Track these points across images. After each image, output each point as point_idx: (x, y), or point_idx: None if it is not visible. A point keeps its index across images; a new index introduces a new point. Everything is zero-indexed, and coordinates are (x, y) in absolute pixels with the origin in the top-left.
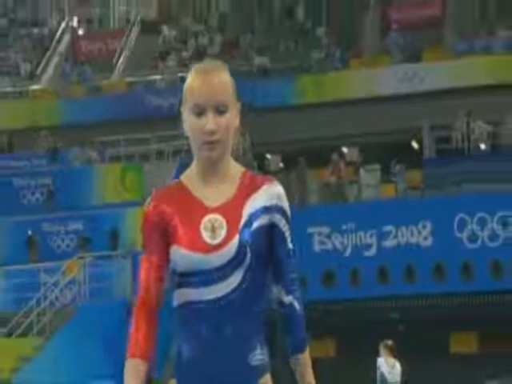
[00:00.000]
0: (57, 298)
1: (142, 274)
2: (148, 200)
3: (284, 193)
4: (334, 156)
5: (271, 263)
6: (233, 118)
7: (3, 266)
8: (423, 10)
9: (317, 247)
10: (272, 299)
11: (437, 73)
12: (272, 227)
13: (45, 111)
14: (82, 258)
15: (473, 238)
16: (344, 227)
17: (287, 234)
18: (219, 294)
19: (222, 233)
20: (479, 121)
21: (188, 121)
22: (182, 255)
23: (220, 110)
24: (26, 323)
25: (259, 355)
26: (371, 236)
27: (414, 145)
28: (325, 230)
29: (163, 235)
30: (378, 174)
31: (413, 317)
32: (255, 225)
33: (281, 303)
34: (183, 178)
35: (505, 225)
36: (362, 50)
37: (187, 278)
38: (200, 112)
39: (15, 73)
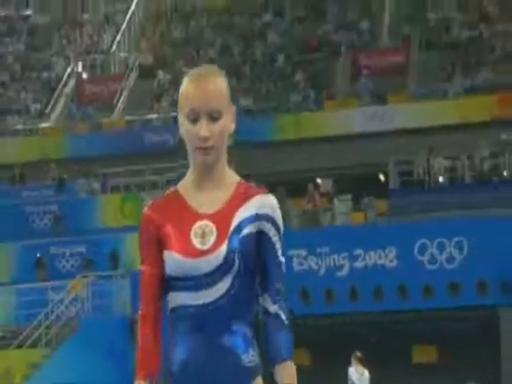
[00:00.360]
0: (62, 313)
1: (141, 288)
2: (144, 207)
3: (277, 205)
4: (310, 187)
5: (259, 271)
6: (227, 123)
7: (15, 284)
8: (389, 57)
9: (295, 268)
10: (258, 308)
11: (401, 114)
12: (262, 235)
13: (53, 146)
14: (85, 277)
15: (432, 260)
16: (319, 250)
17: (277, 244)
18: (208, 300)
19: (212, 239)
20: (438, 157)
21: (183, 126)
22: (174, 260)
23: (214, 117)
24: (36, 335)
25: (252, 357)
26: (343, 258)
27: (381, 177)
28: (302, 252)
29: (157, 244)
30: (350, 203)
31: (380, 331)
32: (245, 231)
33: (266, 312)
34: (179, 186)
35: (460, 249)
36: (334, 93)
37: (179, 282)
38: (194, 118)
39: (26, 112)
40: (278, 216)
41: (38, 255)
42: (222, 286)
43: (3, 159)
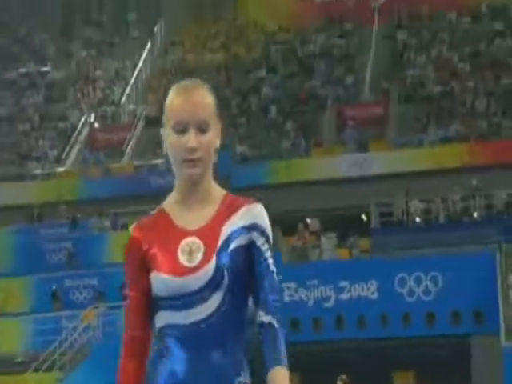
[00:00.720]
0: (76, 340)
1: (128, 312)
2: (130, 228)
3: (265, 213)
4: (300, 226)
5: (251, 283)
6: (214, 136)
7: (33, 314)
8: (371, 109)
9: (286, 299)
10: (254, 321)
11: (381, 161)
12: (251, 245)
13: (68, 189)
14: (96, 307)
15: (410, 293)
16: (308, 283)
17: (267, 253)
18: (199, 317)
19: (199, 255)
20: (415, 199)
21: (169, 139)
22: (161, 280)
23: (201, 129)
24: (51, 360)
25: (243, 378)
26: (330, 290)
27: (364, 218)
28: (292, 285)
29: (143, 266)
30: (335, 241)
31: (363, 356)
32: (233, 246)
33: (261, 324)
34: (165, 206)
35: (436, 282)
36: (321, 141)
37: (168, 301)
38: (182, 130)
39: (45, 158)
40: (265, 224)
41: (54, 287)
42: (213, 303)
43: (23, 200)
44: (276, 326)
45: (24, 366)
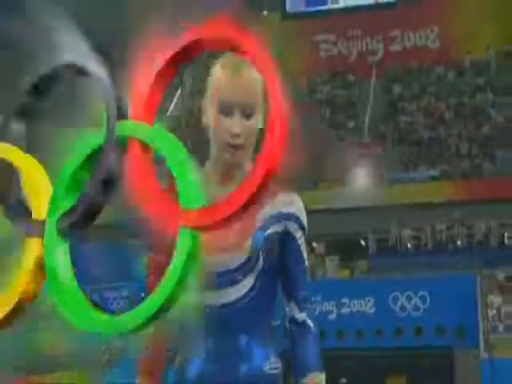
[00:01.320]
0: (113, 344)
1: (149, 280)
2: None
3: (303, 205)
4: (307, 249)
5: (283, 276)
6: (257, 122)
7: None
8: (369, 150)
9: None
10: (284, 316)
11: (377, 194)
12: (287, 236)
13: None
14: None
15: (402, 309)
16: (313, 299)
17: (302, 247)
18: (230, 299)
19: (235, 234)
20: (406, 228)
21: (213, 119)
22: None
23: (247, 113)
24: (92, 360)
25: (274, 364)
26: (332, 305)
27: (363, 243)
28: None
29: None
30: (338, 263)
31: (361, 364)
32: (270, 230)
33: (294, 321)
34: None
35: (424, 301)
36: (327, 176)
37: None
38: (227, 111)
39: None
40: (304, 217)
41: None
42: (246, 284)
43: None
44: (310, 324)
45: (68, 365)
